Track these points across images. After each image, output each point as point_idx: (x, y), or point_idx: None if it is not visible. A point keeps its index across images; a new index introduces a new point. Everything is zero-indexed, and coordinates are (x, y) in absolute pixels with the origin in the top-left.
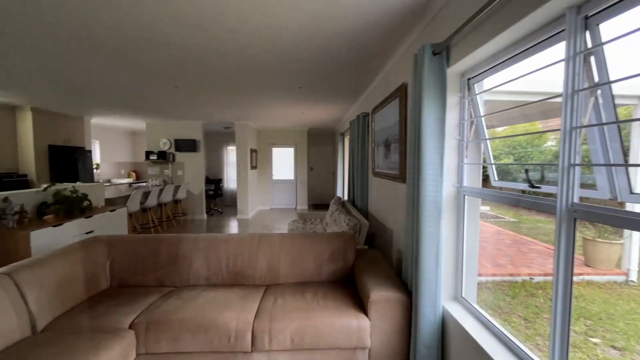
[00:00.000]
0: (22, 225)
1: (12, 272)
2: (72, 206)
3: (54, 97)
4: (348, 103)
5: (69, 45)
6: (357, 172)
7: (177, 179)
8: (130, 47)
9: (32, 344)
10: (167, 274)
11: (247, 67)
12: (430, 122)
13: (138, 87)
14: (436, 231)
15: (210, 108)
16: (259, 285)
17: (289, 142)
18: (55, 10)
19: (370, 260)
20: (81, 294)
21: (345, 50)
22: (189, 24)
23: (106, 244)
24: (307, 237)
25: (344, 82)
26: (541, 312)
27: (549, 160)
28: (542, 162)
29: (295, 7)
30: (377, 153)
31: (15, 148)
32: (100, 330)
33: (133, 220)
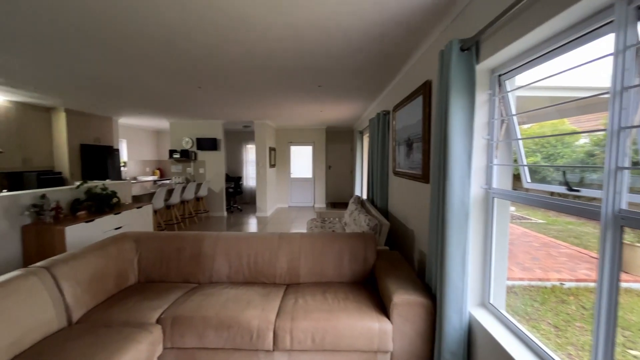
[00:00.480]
0: (58, 220)
1: (50, 266)
2: (102, 203)
3: (85, 99)
4: (367, 101)
5: (100, 51)
6: (377, 171)
7: (199, 177)
8: (157, 51)
9: (68, 335)
10: (190, 271)
11: (268, 67)
12: (457, 121)
13: (163, 88)
14: (463, 234)
15: (230, 107)
16: (280, 284)
17: (307, 141)
18: (88, 20)
19: (391, 262)
20: (112, 287)
21: (367, 47)
22: (212, 26)
23: (134, 241)
24: (327, 237)
25: (364, 80)
26: (573, 320)
27: (582, 159)
28: (585, 165)
29: (320, 3)
30: (398, 152)
31: (50, 147)
32: (129, 324)
33: (158, 217)
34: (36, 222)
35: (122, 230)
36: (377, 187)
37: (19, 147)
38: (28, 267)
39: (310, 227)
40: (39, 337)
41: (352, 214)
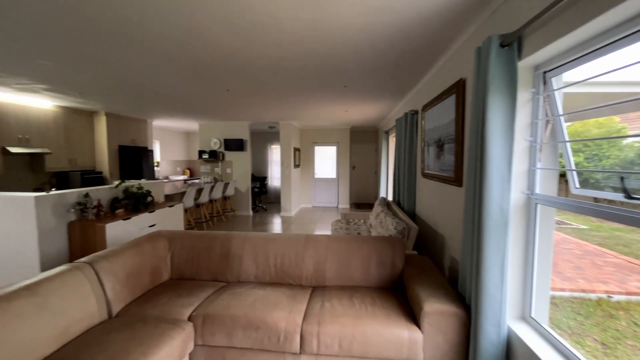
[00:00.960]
0: (99, 218)
1: (93, 261)
2: (138, 201)
3: (124, 103)
4: (394, 100)
5: (138, 59)
6: (404, 173)
7: (226, 177)
8: (190, 58)
9: (108, 328)
10: (219, 270)
11: (295, 69)
12: (496, 122)
13: (194, 92)
14: (501, 243)
15: (257, 109)
16: (306, 286)
17: (331, 141)
18: (129, 31)
19: (420, 267)
20: (147, 283)
21: (395, 46)
22: (241, 31)
23: (167, 239)
24: (353, 240)
25: (391, 79)
26: (624, 337)
27: (632, 160)
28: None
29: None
30: (428, 153)
31: (93, 148)
32: (163, 320)
33: (188, 215)
34: (80, 219)
35: (155, 228)
36: (404, 189)
37: (65, 148)
38: (74, 262)
39: (335, 229)
40: (84, 328)
41: (378, 216)
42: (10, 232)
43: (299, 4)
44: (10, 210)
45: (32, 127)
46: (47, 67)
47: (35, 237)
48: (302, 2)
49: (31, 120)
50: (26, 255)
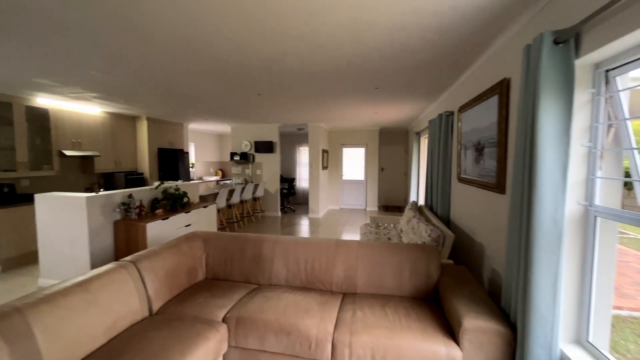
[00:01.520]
0: (141, 217)
1: (136, 260)
2: (175, 202)
3: (163, 108)
4: (427, 101)
5: (177, 67)
6: (437, 176)
7: (256, 178)
8: (225, 66)
9: (149, 325)
10: (251, 272)
11: (326, 72)
12: (549, 126)
13: (227, 97)
14: (554, 258)
15: (286, 112)
16: (336, 292)
17: (359, 142)
18: (170, 41)
19: (458, 278)
20: (184, 282)
21: (431, 46)
22: (278, 37)
23: (202, 240)
24: (385, 247)
25: (425, 79)
26: None
27: None
28: None
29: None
30: (464, 157)
31: (135, 150)
32: (199, 320)
33: (220, 215)
34: (124, 218)
35: (191, 228)
36: (437, 194)
37: (111, 151)
38: (119, 261)
39: (364, 233)
40: (128, 324)
41: (409, 222)
42: (66, 229)
43: (335, 8)
44: (66, 209)
45: (84, 131)
46: (98, 77)
47: (86, 234)
48: (338, 5)
49: (83, 126)
50: (78, 250)
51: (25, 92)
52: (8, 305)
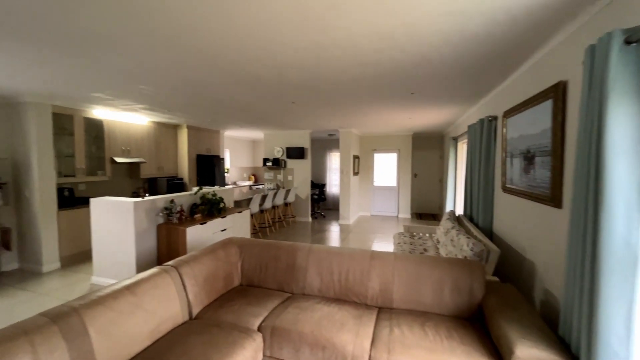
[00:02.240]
0: (181, 222)
1: (178, 265)
2: (212, 207)
3: (202, 117)
4: (465, 105)
5: (220, 81)
6: (478, 185)
7: (287, 184)
8: (264, 77)
9: (189, 330)
10: (285, 280)
11: (361, 80)
12: (620, 136)
13: (262, 105)
14: (627, 286)
15: (319, 118)
16: (371, 306)
17: (391, 148)
18: (217, 60)
19: (506, 299)
20: (221, 288)
21: (477, 48)
22: (316, 48)
23: (238, 246)
24: (423, 261)
25: (465, 83)
26: None
27: None
28: None
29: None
30: (511, 165)
31: (176, 157)
32: (236, 328)
33: (253, 220)
34: (166, 222)
35: (226, 232)
36: (478, 203)
37: (155, 157)
38: (162, 266)
39: (398, 243)
40: (169, 328)
41: (448, 233)
42: (115, 230)
43: (375, 16)
44: (116, 213)
45: (132, 140)
46: (146, 90)
47: (133, 236)
48: (378, 14)
49: (131, 134)
50: (126, 251)
51: (84, 105)
52: (67, 306)
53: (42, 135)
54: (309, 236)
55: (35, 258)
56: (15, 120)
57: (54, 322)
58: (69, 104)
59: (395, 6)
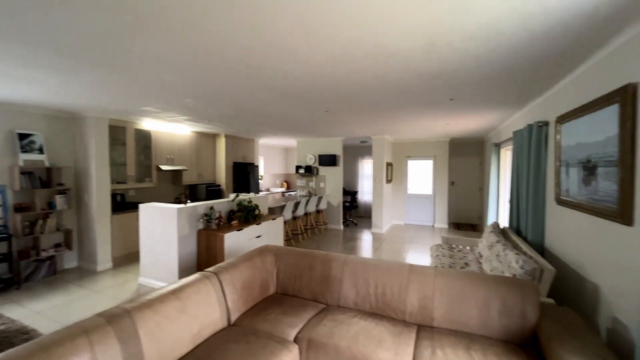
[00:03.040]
0: (219, 228)
1: (218, 272)
2: (248, 214)
3: (239, 126)
4: (510, 109)
5: (258, 93)
6: (526, 196)
7: (319, 191)
8: (296, 85)
9: (228, 337)
10: (320, 290)
11: (399, 89)
12: None
13: (297, 114)
14: None
15: (352, 126)
16: (410, 322)
17: (427, 154)
18: (256, 74)
19: (565, 325)
20: (257, 295)
21: (528, 50)
22: (345, 56)
23: (274, 254)
24: (467, 277)
25: (512, 87)
26: None
27: None
28: None
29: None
30: (567, 176)
31: (214, 165)
32: (273, 337)
33: (286, 227)
34: (206, 228)
35: (261, 239)
36: (527, 216)
37: (196, 165)
38: (203, 272)
39: (437, 255)
40: (210, 333)
41: (492, 247)
42: (160, 235)
43: (412, 23)
44: (161, 218)
45: (175, 149)
46: (190, 103)
47: (176, 240)
48: (414, 21)
49: (174, 144)
50: (169, 254)
51: (135, 118)
52: (120, 308)
53: (100, 145)
54: (341, 244)
55: (91, 257)
56: (78, 133)
57: (109, 323)
58: (122, 117)
59: (442, 15)
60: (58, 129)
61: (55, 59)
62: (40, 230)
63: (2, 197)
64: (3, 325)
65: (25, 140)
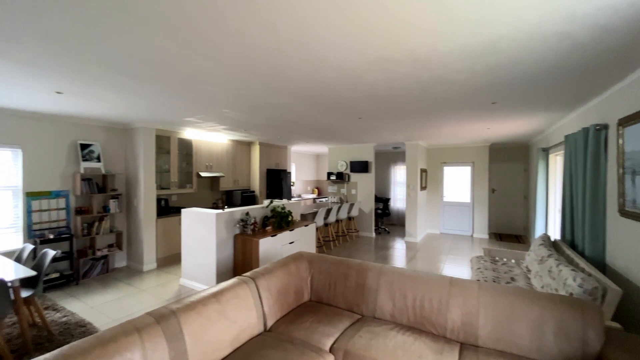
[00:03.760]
0: (254, 233)
1: (255, 277)
2: (282, 220)
3: (272, 134)
4: (561, 112)
5: (294, 102)
6: (583, 206)
7: (351, 198)
8: (332, 93)
9: (264, 342)
10: (355, 300)
11: (440, 93)
12: None
13: (330, 121)
14: None
15: (385, 132)
16: (451, 339)
17: (464, 160)
18: (294, 84)
19: (638, 356)
20: (291, 302)
21: (586, 48)
22: (381, 63)
23: (308, 261)
24: (516, 294)
25: (565, 88)
26: None
27: None
28: None
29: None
30: (632, 185)
31: (248, 171)
32: (308, 346)
33: (318, 233)
34: (242, 233)
35: (294, 245)
36: (584, 228)
37: (232, 172)
38: (241, 276)
39: (478, 268)
40: (247, 337)
41: (543, 262)
42: (200, 238)
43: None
44: (201, 222)
45: (213, 156)
46: (228, 114)
47: (214, 244)
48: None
49: (213, 152)
50: (208, 257)
51: (178, 128)
52: (167, 308)
53: (148, 154)
54: (373, 253)
55: (138, 258)
56: (129, 143)
57: (158, 322)
58: (167, 127)
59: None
60: (112, 139)
61: (115, 78)
62: (96, 231)
63: (66, 201)
64: (65, 318)
65: (86, 150)
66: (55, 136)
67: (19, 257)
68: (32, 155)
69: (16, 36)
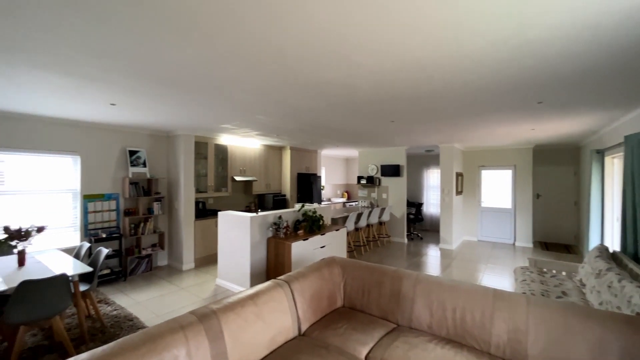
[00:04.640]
0: (287, 236)
1: (289, 280)
2: (313, 224)
3: (303, 139)
4: (618, 110)
5: (326, 107)
6: None
7: (382, 202)
8: (361, 98)
9: (299, 347)
10: (390, 309)
11: (478, 91)
12: None
13: (361, 126)
14: None
15: (417, 134)
16: (497, 357)
17: (504, 163)
18: (325, 89)
19: None
20: (325, 307)
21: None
22: (414, 66)
23: (341, 266)
24: (572, 310)
25: (627, 82)
26: None
27: None
28: None
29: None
30: None
31: (280, 175)
32: (343, 353)
33: (348, 238)
34: (274, 236)
35: (325, 249)
36: None
37: (264, 176)
38: (276, 280)
39: (523, 280)
40: (282, 341)
41: (601, 275)
42: (235, 240)
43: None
44: (236, 225)
45: (247, 161)
46: (262, 120)
47: (248, 247)
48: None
49: (246, 157)
50: (243, 259)
51: (215, 134)
52: (208, 308)
53: (187, 159)
54: (405, 259)
55: (178, 257)
56: (171, 149)
57: (200, 321)
58: (205, 134)
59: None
60: (156, 146)
61: (160, 89)
62: (141, 231)
63: (116, 203)
64: (115, 311)
65: (134, 156)
66: (107, 144)
67: (77, 253)
68: (87, 161)
69: (76, 56)
